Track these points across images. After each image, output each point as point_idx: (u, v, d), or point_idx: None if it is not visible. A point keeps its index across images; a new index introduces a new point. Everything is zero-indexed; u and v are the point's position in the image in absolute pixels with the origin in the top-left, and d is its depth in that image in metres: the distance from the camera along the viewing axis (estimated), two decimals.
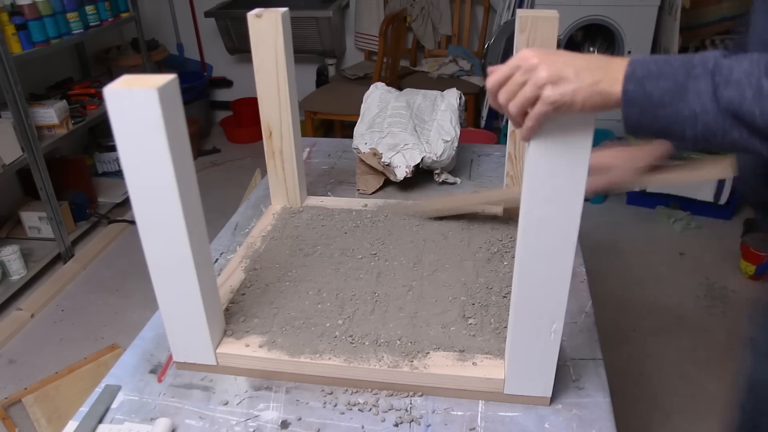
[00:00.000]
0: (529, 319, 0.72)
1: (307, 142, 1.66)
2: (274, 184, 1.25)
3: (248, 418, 0.80)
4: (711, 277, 2.38)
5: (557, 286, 0.69)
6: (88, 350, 1.94)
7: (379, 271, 1.02)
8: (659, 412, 1.79)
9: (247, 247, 1.11)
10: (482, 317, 0.90)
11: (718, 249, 2.55)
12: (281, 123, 1.16)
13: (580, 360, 0.88)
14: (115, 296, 2.37)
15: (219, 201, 2.54)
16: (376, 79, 2.66)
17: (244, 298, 0.96)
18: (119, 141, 0.66)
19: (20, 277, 2.37)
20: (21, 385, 1.78)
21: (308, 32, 3.32)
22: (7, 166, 2.24)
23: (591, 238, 2.64)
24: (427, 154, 1.34)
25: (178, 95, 0.67)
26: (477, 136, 2.86)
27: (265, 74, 1.11)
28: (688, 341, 2.06)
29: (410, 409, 0.80)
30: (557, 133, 0.59)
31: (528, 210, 0.65)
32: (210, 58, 3.86)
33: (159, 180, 0.68)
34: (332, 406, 0.81)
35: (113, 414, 0.81)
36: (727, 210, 2.73)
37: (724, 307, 2.21)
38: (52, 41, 2.44)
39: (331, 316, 0.92)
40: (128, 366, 0.90)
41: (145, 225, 0.73)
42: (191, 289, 0.78)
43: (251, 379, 0.86)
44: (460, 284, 0.98)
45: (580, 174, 0.61)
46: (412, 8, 3.30)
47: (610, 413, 0.79)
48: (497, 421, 0.78)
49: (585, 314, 0.98)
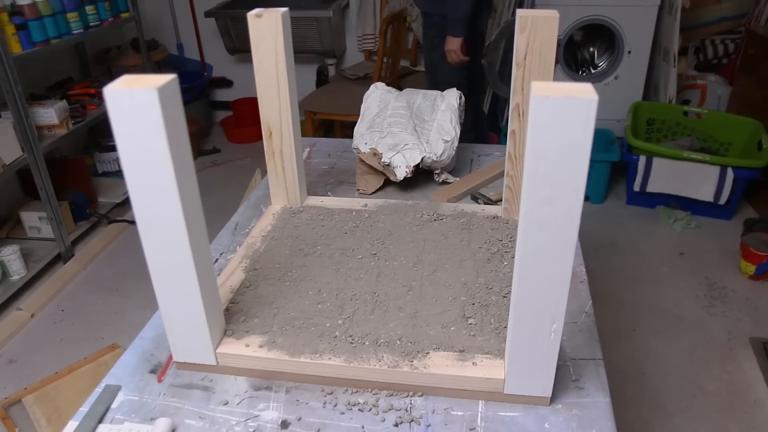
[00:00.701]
0: (529, 319, 0.72)
1: (307, 142, 1.66)
2: (274, 184, 1.25)
3: (248, 418, 0.80)
4: (711, 277, 2.38)
5: (557, 286, 0.69)
6: (88, 350, 1.94)
7: (379, 271, 1.02)
8: (659, 412, 1.79)
9: (247, 247, 1.11)
10: (482, 317, 0.90)
11: (718, 249, 2.55)
12: (281, 123, 1.16)
13: (580, 360, 0.88)
14: (115, 296, 2.37)
15: (219, 201, 2.54)
16: (376, 79, 2.66)
17: (244, 298, 0.96)
18: (119, 141, 0.66)
19: (20, 277, 2.37)
20: (21, 385, 1.78)
21: (308, 32, 3.32)
22: (7, 166, 2.24)
23: (591, 238, 2.64)
24: (427, 154, 1.34)
25: (178, 95, 0.67)
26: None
27: (265, 74, 1.11)
28: (688, 341, 2.06)
29: (410, 409, 0.80)
30: (559, 132, 0.59)
31: (528, 210, 0.65)
32: (210, 58, 3.86)
33: (159, 180, 0.68)
34: (332, 406, 0.81)
35: (113, 414, 0.81)
36: (727, 210, 2.73)
37: (724, 307, 2.22)
38: (52, 41, 2.44)
39: (331, 316, 0.92)
40: (128, 366, 0.90)
41: (145, 225, 0.73)
42: (191, 290, 0.78)
43: (251, 379, 0.86)
44: (460, 284, 0.98)
45: (580, 174, 0.61)
46: (412, 8, 3.30)
47: (610, 413, 0.79)
48: (497, 421, 0.78)
49: (585, 314, 0.98)
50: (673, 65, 2.79)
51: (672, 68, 2.80)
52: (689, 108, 2.95)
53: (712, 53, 3.26)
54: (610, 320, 2.16)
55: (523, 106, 1.08)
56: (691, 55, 3.28)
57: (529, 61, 1.04)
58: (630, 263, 2.49)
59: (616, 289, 2.33)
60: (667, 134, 3.04)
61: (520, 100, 1.09)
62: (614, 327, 2.13)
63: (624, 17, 2.86)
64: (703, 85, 3.13)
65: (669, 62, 2.82)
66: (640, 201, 2.88)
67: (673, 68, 2.80)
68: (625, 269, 2.45)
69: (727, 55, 3.24)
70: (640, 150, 2.70)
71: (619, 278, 2.40)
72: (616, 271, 2.44)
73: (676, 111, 2.96)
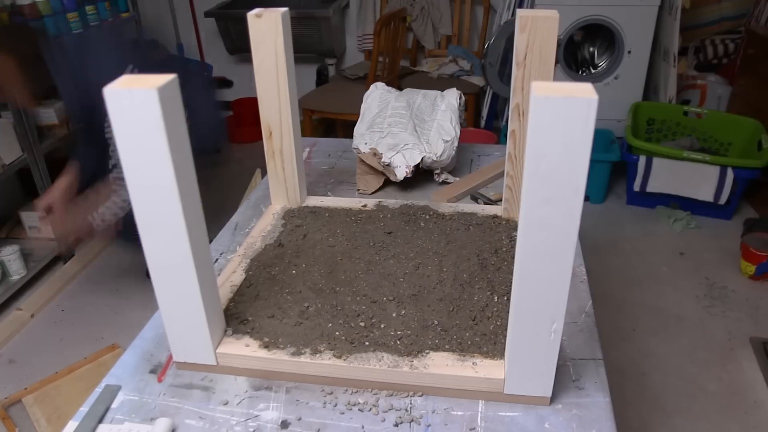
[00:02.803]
0: (529, 319, 0.72)
1: (307, 142, 1.66)
2: (274, 184, 1.25)
3: (248, 418, 0.80)
4: (711, 277, 2.38)
5: (557, 286, 0.69)
6: (88, 350, 1.94)
7: (378, 271, 1.02)
8: (659, 412, 1.79)
9: (247, 247, 1.11)
10: (482, 317, 0.90)
11: (718, 249, 2.55)
12: (281, 123, 1.16)
13: (580, 360, 0.88)
14: (115, 296, 2.37)
15: (219, 201, 2.54)
16: (371, 80, 2.65)
17: (244, 298, 0.96)
18: (119, 141, 0.66)
19: (20, 277, 2.37)
20: (21, 385, 1.78)
21: (308, 32, 3.32)
22: (7, 166, 2.24)
23: (591, 238, 2.64)
24: (427, 154, 1.34)
25: (178, 95, 0.67)
26: (477, 136, 2.87)
27: (265, 74, 1.11)
28: (688, 341, 2.06)
29: (410, 409, 0.80)
30: (558, 132, 0.59)
31: (528, 210, 0.65)
32: (210, 58, 3.86)
33: (159, 180, 0.68)
34: (332, 406, 0.81)
35: (113, 414, 0.81)
36: (727, 210, 2.73)
37: (724, 307, 2.22)
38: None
39: (331, 317, 0.92)
40: (128, 366, 0.90)
41: (145, 225, 0.73)
42: (191, 290, 0.78)
43: (251, 379, 0.86)
44: (459, 284, 0.98)
45: (580, 174, 0.61)
46: (412, 8, 3.30)
47: (611, 413, 0.79)
48: (497, 421, 0.78)
49: (585, 314, 0.98)
50: (673, 65, 2.79)
51: (672, 68, 2.80)
52: (689, 108, 2.95)
53: (712, 53, 3.26)
54: (610, 320, 2.16)
55: (523, 106, 1.08)
56: (691, 55, 3.28)
57: (529, 61, 1.04)
58: (630, 263, 2.49)
59: (616, 289, 2.33)
60: (667, 134, 3.04)
61: (520, 100, 1.09)
62: (614, 327, 2.13)
63: (624, 17, 2.86)
64: (703, 85, 3.13)
65: (669, 62, 2.82)
66: (640, 201, 2.88)
67: (673, 68, 2.80)
68: (625, 269, 2.45)
69: (727, 55, 3.24)
70: (640, 150, 2.70)
71: (618, 278, 2.40)
72: (615, 271, 2.44)
73: (676, 111, 2.96)
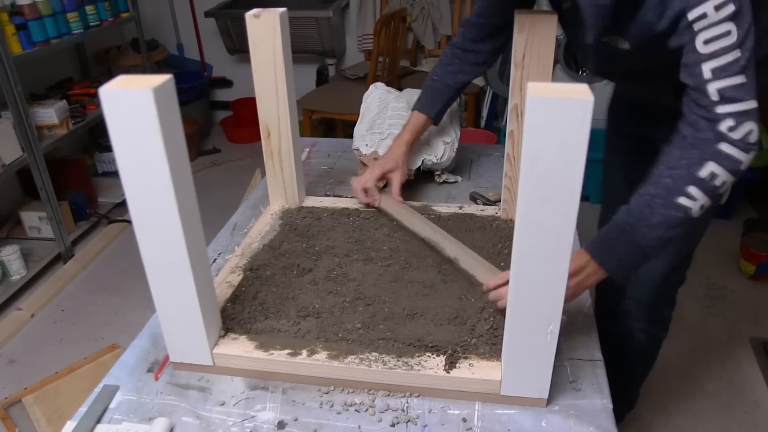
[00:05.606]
0: (525, 320, 0.72)
1: (307, 142, 1.66)
2: (273, 184, 1.25)
3: (245, 418, 0.80)
4: (711, 277, 2.37)
5: (553, 287, 0.69)
6: (88, 350, 1.94)
7: (377, 271, 1.02)
8: (659, 412, 1.79)
9: (245, 247, 1.11)
10: (479, 318, 0.90)
11: (718, 249, 2.54)
12: (279, 123, 1.16)
13: (578, 360, 0.88)
14: (115, 296, 2.37)
15: (219, 201, 2.54)
16: (371, 80, 2.65)
17: (242, 299, 0.96)
18: (115, 141, 0.66)
19: (20, 277, 2.37)
20: (21, 385, 1.78)
21: (308, 32, 3.32)
22: (7, 166, 2.24)
23: (591, 239, 2.63)
24: (428, 156, 1.34)
25: (174, 95, 0.67)
26: (477, 136, 2.86)
27: (264, 74, 1.11)
28: (688, 341, 2.05)
29: (407, 409, 0.80)
30: (554, 133, 0.59)
31: (524, 210, 0.64)
32: (210, 58, 3.86)
33: (155, 180, 0.68)
34: (329, 406, 0.81)
35: (111, 414, 0.81)
36: (727, 210, 2.73)
37: (724, 307, 2.21)
38: (52, 41, 2.44)
39: (328, 317, 0.92)
40: (127, 366, 0.90)
41: (142, 225, 0.73)
42: (188, 290, 0.78)
43: (248, 379, 0.86)
44: (457, 285, 0.98)
45: (576, 175, 0.61)
46: (412, 8, 3.30)
47: (609, 415, 0.79)
48: (494, 419, 0.78)
49: (583, 315, 0.98)
50: None
51: None
52: None
53: None
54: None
55: (522, 106, 1.08)
56: None
57: (527, 62, 1.04)
58: None
59: None
60: None
61: (518, 101, 1.09)
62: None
63: None
64: None
65: None
66: None
67: None
68: None
69: None
70: None
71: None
72: None
73: None
